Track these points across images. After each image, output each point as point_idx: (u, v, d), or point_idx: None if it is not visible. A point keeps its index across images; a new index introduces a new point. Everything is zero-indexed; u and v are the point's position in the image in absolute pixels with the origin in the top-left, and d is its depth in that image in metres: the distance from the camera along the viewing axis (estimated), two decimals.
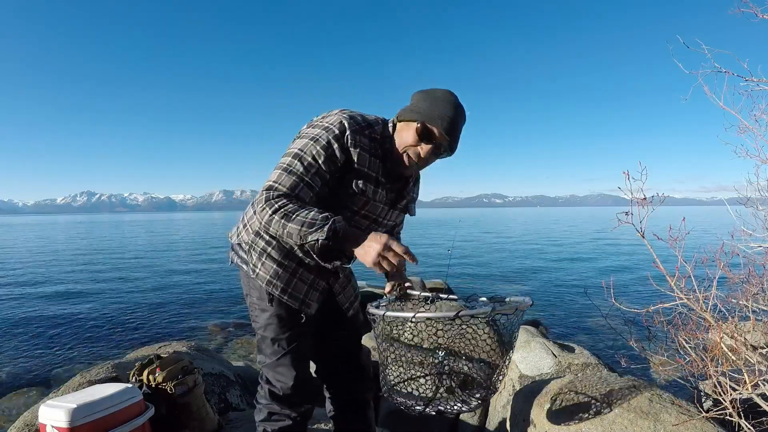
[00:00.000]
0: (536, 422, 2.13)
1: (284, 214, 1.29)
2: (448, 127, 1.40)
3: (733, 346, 1.86)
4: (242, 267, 1.60)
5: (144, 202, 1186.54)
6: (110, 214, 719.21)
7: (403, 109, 1.49)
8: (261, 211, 1.32)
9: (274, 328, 1.56)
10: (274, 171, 1.38)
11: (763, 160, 2.07)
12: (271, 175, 1.38)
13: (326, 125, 1.40)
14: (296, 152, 1.38)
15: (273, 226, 1.31)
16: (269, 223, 1.32)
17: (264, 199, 1.32)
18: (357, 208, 1.48)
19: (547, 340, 3.50)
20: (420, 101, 1.44)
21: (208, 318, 8.59)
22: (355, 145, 1.40)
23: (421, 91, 1.48)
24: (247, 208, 1.64)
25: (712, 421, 1.73)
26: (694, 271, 2.01)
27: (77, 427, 1.67)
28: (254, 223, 1.55)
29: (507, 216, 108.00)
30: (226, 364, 3.32)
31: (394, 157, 1.48)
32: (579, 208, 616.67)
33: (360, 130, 1.42)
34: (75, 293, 11.34)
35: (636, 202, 1.85)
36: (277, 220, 1.29)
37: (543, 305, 9.41)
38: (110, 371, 2.46)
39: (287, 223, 1.28)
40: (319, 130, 1.40)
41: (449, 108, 1.41)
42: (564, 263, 16.65)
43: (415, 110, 1.43)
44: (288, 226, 1.28)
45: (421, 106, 1.42)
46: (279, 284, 1.52)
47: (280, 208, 1.29)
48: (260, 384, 1.68)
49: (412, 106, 1.46)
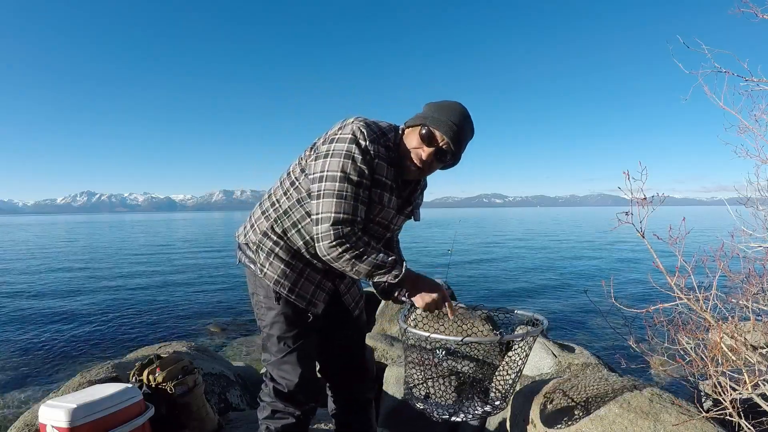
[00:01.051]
0: (536, 422, 2.13)
1: (355, 254, 1.37)
2: (451, 133, 1.42)
3: (733, 346, 1.86)
4: (249, 266, 1.61)
5: (144, 202, 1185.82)
6: (110, 214, 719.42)
7: (413, 116, 1.53)
8: (330, 247, 1.36)
9: (280, 326, 1.58)
10: (327, 200, 1.37)
11: (763, 160, 2.07)
12: (323, 204, 1.37)
13: (351, 137, 1.40)
14: (340, 175, 1.37)
15: (341, 263, 1.39)
16: (338, 260, 1.38)
17: (334, 236, 1.35)
18: (372, 216, 1.50)
19: (547, 340, 3.50)
20: (429, 109, 1.49)
21: (208, 318, 8.59)
22: (374, 156, 1.42)
23: (433, 101, 1.53)
24: (255, 209, 1.66)
25: (712, 421, 1.73)
26: (694, 271, 2.01)
27: (77, 427, 1.66)
28: (262, 223, 1.58)
29: (507, 216, 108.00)
30: (226, 364, 3.32)
31: (402, 163, 1.51)
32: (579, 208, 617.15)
33: (377, 139, 1.44)
34: (75, 293, 11.34)
35: (636, 202, 1.85)
36: (347, 259, 1.37)
37: (543, 305, 9.41)
38: (110, 371, 2.46)
39: (357, 262, 1.38)
40: (347, 145, 1.40)
41: (455, 115, 1.45)
42: (564, 263, 16.65)
43: (422, 116, 1.48)
44: (357, 266, 1.39)
45: (428, 113, 1.47)
46: (286, 284, 1.55)
47: (351, 248, 1.37)
48: (264, 382, 1.69)
49: (421, 113, 1.50)
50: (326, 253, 1.38)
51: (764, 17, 1.96)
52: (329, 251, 1.37)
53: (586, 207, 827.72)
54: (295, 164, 1.57)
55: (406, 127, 1.52)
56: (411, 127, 1.50)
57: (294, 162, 1.59)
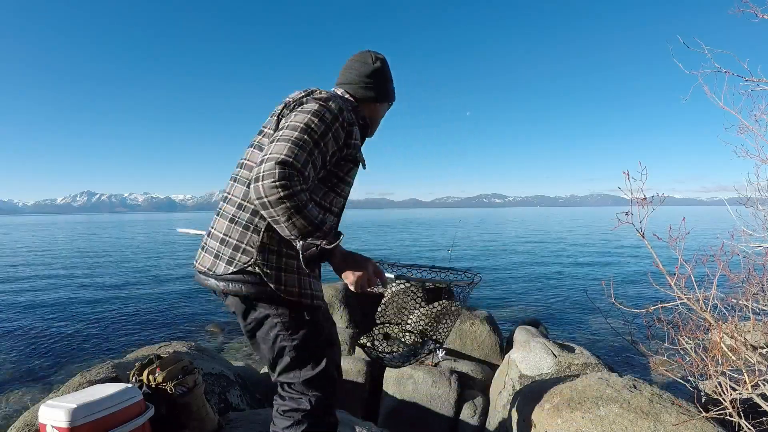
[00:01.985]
0: (536, 422, 2.14)
1: (296, 204, 1.18)
2: (394, 94, 1.72)
3: (733, 346, 1.86)
4: (256, 292, 1.43)
5: (144, 202, 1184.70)
6: (110, 214, 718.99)
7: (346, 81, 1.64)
8: (272, 187, 1.16)
9: (315, 335, 1.49)
10: (282, 143, 1.24)
11: (763, 160, 2.07)
12: (277, 146, 1.24)
13: (326, 104, 1.38)
14: (302, 127, 1.29)
15: (277, 210, 1.19)
16: (274, 205, 1.18)
17: (279, 175, 1.17)
18: (350, 179, 1.54)
19: (547, 340, 3.50)
20: (364, 78, 1.62)
21: (208, 318, 8.59)
22: (351, 123, 1.44)
23: (354, 65, 1.65)
24: (217, 230, 1.48)
25: (712, 421, 1.73)
26: (694, 271, 2.01)
27: (77, 427, 1.66)
28: (251, 238, 1.42)
29: (507, 216, 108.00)
30: (226, 364, 3.32)
31: (364, 131, 1.60)
32: (579, 208, 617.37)
33: (346, 105, 1.46)
34: (75, 293, 11.35)
35: (636, 202, 1.85)
36: (287, 207, 1.18)
37: (543, 305, 9.41)
38: (110, 371, 2.46)
39: (296, 214, 1.19)
40: (318, 105, 1.37)
41: (388, 76, 1.68)
42: (564, 263, 16.65)
43: (368, 88, 1.62)
44: (295, 218, 1.20)
45: (369, 83, 1.62)
46: (308, 291, 1.47)
47: (294, 195, 1.18)
48: (294, 394, 1.53)
49: (359, 82, 1.62)
50: (265, 194, 1.17)
51: (764, 17, 1.96)
52: (269, 192, 1.17)
53: (586, 207, 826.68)
54: (251, 153, 1.53)
55: (356, 100, 1.61)
56: (366, 103, 1.63)
57: (244, 156, 1.54)
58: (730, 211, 2.26)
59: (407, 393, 3.32)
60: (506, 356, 3.47)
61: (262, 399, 3.21)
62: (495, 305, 9.25)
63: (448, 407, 3.23)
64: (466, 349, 4.31)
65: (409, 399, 3.29)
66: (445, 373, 3.36)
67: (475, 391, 3.46)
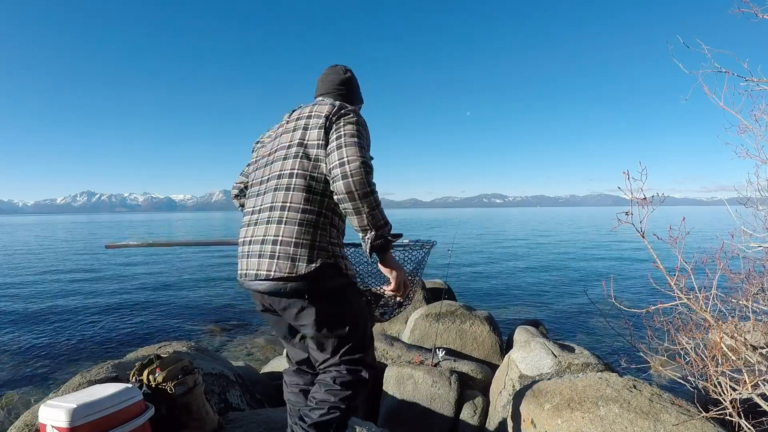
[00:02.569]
0: (536, 422, 2.14)
1: (377, 198, 1.41)
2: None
3: (733, 346, 1.86)
4: (335, 283, 1.50)
5: (144, 202, 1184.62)
6: (110, 214, 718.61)
7: (332, 92, 1.79)
8: (362, 183, 1.38)
9: (365, 308, 1.67)
10: (354, 147, 1.44)
11: (763, 160, 2.07)
12: (347, 150, 1.43)
13: (359, 116, 1.59)
14: (358, 134, 1.49)
15: (366, 201, 1.38)
16: (364, 198, 1.38)
17: (366, 174, 1.39)
18: None
19: (547, 340, 3.50)
20: (342, 87, 1.80)
21: (208, 318, 8.58)
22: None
23: (330, 77, 1.81)
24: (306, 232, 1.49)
25: (712, 421, 1.73)
26: (694, 271, 2.01)
27: (77, 427, 1.66)
28: (327, 237, 1.50)
29: (507, 216, 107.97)
30: (226, 364, 3.32)
31: None
32: (579, 208, 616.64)
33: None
34: (75, 293, 11.34)
35: (636, 202, 1.85)
36: (372, 200, 1.39)
37: (543, 305, 9.41)
38: (110, 371, 2.46)
39: (377, 207, 1.41)
40: (358, 118, 1.57)
41: (356, 86, 1.87)
42: (564, 263, 16.65)
43: (349, 98, 1.80)
44: (375, 210, 1.40)
45: (347, 92, 1.81)
46: (353, 273, 1.63)
47: (376, 191, 1.42)
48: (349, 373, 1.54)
49: (341, 91, 1.80)
50: (355, 188, 1.38)
51: (764, 17, 1.96)
52: (359, 186, 1.37)
53: (586, 207, 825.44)
54: (291, 163, 1.57)
55: (347, 105, 1.72)
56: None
57: (278, 168, 1.60)
58: (730, 211, 2.25)
59: (407, 393, 3.32)
60: (506, 356, 3.47)
61: (262, 399, 3.21)
62: (495, 305, 9.25)
63: (448, 407, 3.23)
64: (466, 349, 4.31)
65: (409, 399, 3.29)
66: (445, 373, 3.36)
67: (475, 391, 3.46)
